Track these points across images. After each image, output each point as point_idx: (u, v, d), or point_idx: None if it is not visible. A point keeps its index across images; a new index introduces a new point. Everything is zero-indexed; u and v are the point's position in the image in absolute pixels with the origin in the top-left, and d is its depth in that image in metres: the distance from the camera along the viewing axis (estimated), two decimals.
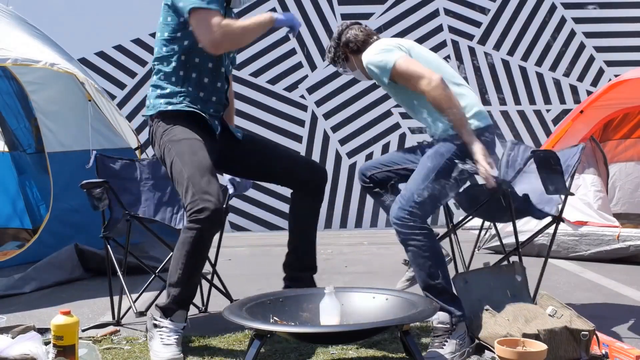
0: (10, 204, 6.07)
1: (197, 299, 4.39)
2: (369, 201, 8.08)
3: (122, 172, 4.10)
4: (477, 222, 4.65)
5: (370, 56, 3.41)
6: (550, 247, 3.83)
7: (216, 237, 3.28)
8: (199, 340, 3.43)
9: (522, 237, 4.38)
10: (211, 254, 3.92)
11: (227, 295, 4.05)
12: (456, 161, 3.21)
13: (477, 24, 8.22)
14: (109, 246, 3.86)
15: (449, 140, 3.26)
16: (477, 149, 3.15)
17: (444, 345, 3.05)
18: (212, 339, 3.44)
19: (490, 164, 3.14)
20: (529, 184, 3.76)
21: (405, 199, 3.18)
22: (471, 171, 3.23)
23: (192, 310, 4.10)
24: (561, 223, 4.57)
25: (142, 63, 7.95)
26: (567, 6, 8.26)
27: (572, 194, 3.59)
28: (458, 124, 3.20)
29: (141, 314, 3.67)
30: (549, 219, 3.71)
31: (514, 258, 3.70)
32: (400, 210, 3.16)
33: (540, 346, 2.77)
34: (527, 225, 5.01)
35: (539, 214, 3.70)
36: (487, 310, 3.17)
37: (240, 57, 8.04)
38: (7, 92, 5.83)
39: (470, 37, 8.20)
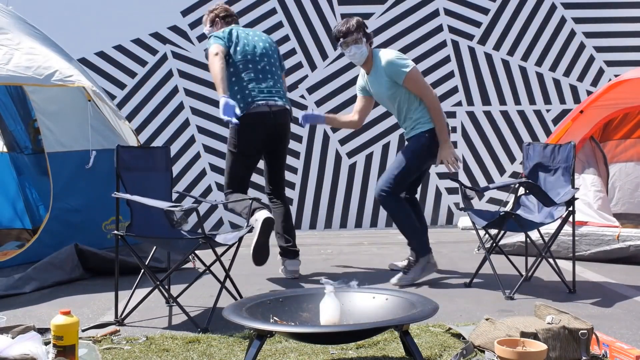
0: (11, 205, 6.07)
1: (196, 299, 4.39)
2: (369, 201, 8.09)
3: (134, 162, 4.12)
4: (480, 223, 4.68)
5: (394, 53, 4.76)
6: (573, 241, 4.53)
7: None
8: (199, 340, 3.43)
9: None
10: (226, 258, 3.95)
11: (237, 296, 4.05)
12: (420, 155, 4.75)
13: (477, 24, 8.21)
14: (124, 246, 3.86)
15: (415, 139, 4.75)
16: (448, 147, 4.70)
17: (407, 271, 4.74)
18: (212, 339, 3.44)
19: (454, 161, 4.71)
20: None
21: (384, 181, 4.70)
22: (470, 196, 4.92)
23: (192, 311, 4.10)
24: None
25: (142, 63, 7.95)
26: (567, 6, 8.26)
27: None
28: (442, 128, 4.69)
29: None
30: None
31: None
32: (380, 188, 4.71)
33: (540, 346, 2.77)
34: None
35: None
36: (487, 319, 3.18)
37: None
38: (3, 92, 5.83)
39: (470, 37, 8.20)
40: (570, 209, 4.38)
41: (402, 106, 4.76)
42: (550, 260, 4.52)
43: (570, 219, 4.43)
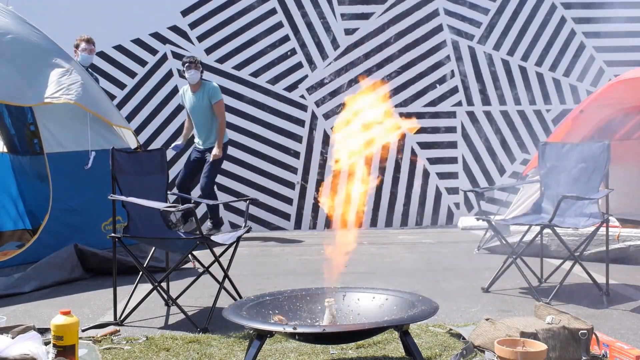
0: (12, 206, 6.07)
1: (196, 300, 4.39)
2: (369, 201, 8.08)
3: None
4: (479, 223, 4.67)
5: (216, 85, 6.93)
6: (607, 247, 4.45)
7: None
8: (199, 340, 3.43)
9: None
10: (224, 258, 3.95)
11: (235, 296, 4.05)
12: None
13: (477, 24, 8.21)
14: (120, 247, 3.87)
15: (210, 149, 6.84)
16: (219, 146, 6.82)
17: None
18: (212, 339, 3.44)
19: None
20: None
21: (204, 183, 6.81)
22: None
23: (191, 311, 4.10)
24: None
25: (142, 63, 7.95)
26: (567, 6, 8.26)
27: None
28: (221, 135, 6.84)
29: None
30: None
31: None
32: (202, 188, 6.81)
33: (540, 346, 2.77)
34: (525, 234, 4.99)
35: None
36: (487, 319, 3.18)
37: (240, 57, 8.04)
38: None
39: (470, 37, 8.20)
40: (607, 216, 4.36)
41: (209, 121, 6.83)
42: (581, 262, 4.41)
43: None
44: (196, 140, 7.01)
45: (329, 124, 8.12)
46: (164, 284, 4.17)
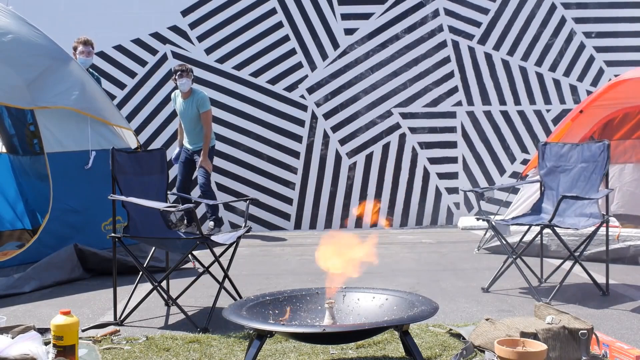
0: (11, 206, 6.07)
1: (197, 299, 4.39)
2: (369, 201, 8.08)
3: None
4: (479, 223, 4.67)
5: (205, 94, 7.12)
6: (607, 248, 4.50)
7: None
8: (199, 340, 3.43)
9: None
10: (224, 258, 3.95)
11: (235, 296, 4.05)
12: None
13: (477, 24, 8.21)
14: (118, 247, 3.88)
15: (198, 152, 7.08)
16: (205, 157, 7.02)
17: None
18: (212, 339, 3.44)
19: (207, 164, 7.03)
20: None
21: (201, 182, 7.03)
22: None
23: (191, 311, 4.10)
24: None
25: (142, 63, 7.95)
26: (567, 6, 8.26)
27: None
28: (206, 145, 7.01)
29: None
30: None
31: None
32: (200, 186, 7.07)
33: (540, 346, 2.76)
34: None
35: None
36: (487, 319, 3.18)
37: (240, 57, 8.04)
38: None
39: (470, 37, 8.20)
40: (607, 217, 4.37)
41: (198, 127, 7.04)
42: (581, 262, 4.40)
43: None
44: (185, 141, 7.20)
45: (329, 124, 8.12)
46: (164, 284, 4.17)
